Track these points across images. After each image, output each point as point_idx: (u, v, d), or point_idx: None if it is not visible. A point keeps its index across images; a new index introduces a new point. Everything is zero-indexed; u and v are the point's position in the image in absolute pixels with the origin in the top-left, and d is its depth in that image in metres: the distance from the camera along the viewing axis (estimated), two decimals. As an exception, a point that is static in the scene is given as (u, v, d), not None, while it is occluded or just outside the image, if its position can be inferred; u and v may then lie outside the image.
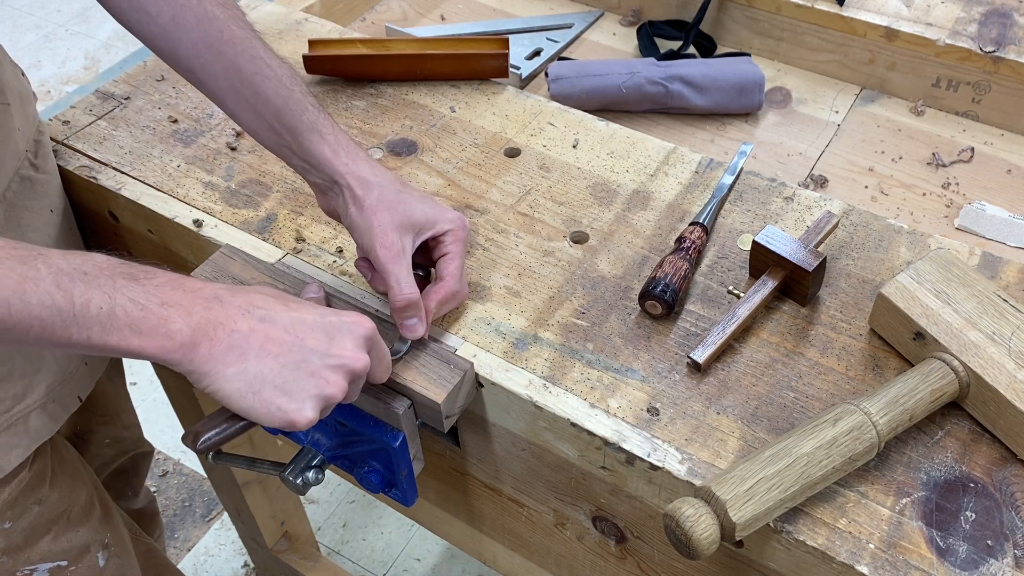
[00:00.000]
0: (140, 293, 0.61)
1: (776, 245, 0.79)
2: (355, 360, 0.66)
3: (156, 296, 0.62)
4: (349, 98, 1.04)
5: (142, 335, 0.61)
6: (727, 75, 1.10)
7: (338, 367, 0.65)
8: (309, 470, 0.84)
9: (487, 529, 0.98)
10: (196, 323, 0.62)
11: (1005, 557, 0.63)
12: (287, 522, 1.57)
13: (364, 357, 0.67)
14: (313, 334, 0.65)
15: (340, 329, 0.67)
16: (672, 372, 0.76)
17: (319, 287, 0.78)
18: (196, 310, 0.63)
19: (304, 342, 0.65)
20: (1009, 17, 1.12)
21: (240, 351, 0.63)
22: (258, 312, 0.65)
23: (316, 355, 0.65)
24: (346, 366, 0.66)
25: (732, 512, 0.61)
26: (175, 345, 0.61)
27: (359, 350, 0.67)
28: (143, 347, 0.61)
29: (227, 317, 0.64)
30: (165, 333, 0.61)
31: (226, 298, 0.65)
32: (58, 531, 0.96)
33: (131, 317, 0.60)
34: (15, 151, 0.87)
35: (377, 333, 0.69)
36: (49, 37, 3.15)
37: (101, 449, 1.20)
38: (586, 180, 0.93)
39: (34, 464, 0.92)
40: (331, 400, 0.65)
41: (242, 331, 0.63)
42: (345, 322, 0.67)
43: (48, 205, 0.92)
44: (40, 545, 0.94)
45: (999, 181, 1.04)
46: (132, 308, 0.61)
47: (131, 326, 0.60)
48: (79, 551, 0.98)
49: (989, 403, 0.69)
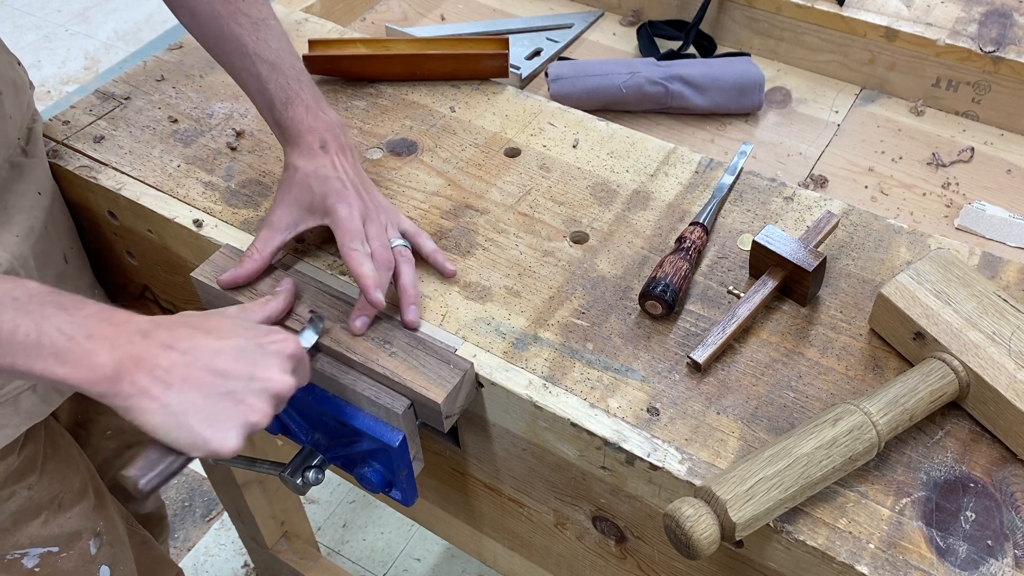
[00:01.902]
0: (68, 323, 0.63)
1: (776, 245, 0.79)
2: (279, 383, 0.67)
3: (83, 327, 0.63)
4: (349, 98, 1.04)
5: (66, 365, 0.62)
6: (727, 75, 1.10)
7: (262, 391, 0.67)
8: (309, 470, 0.84)
9: (487, 529, 0.98)
10: (120, 357, 0.63)
11: (1005, 557, 0.63)
12: (287, 522, 1.57)
13: (288, 380, 0.68)
14: (235, 362, 0.67)
15: (264, 353, 0.68)
16: (672, 372, 0.76)
17: (290, 282, 0.80)
18: (121, 344, 0.64)
19: (227, 371, 0.66)
20: (1009, 17, 1.12)
21: (164, 384, 0.64)
22: (180, 345, 0.66)
23: (240, 382, 0.66)
24: (269, 390, 0.67)
25: (732, 512, 0.61)
26: (98, 377, 0.63)
27: (283, 373, 0.68)
28: (67, 376, 0.62)
29: (149, 352, 0.65)
30: (89, 365, 0.62)
31: (150, 332, 0.66)
32: (48, 516, 0.96)
33: (56, 347, 0.62)
34: (6, 139, 0.88)
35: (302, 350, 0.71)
36: (49, 37, 3.15)
37: (103, 441, 1.20)
38: (586, 180, 0.93)
39: (24, 448, 0.92)
40: (256, 427, 0.66)
41: (164, 366, 0.64)
42: (268, 344, 0.69)
43: (36, 188, 0.92)
44: (29, 529, 0.95)
45: (999, 181, 1.04)
46: (58, 338, 0.62)
47: (56, 355, 0.62)
48: (70, 537, 0.99)
49: (989, 403, 0.69)
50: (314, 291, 0.82)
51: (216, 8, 0.83)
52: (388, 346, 0.77)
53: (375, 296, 0.75)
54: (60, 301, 0.64)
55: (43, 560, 0.97)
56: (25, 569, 0.96)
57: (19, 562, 0.96)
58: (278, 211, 0.82)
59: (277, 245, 0.82)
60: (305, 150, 0.81)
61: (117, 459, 1.25)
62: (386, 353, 0.76)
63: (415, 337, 0.78)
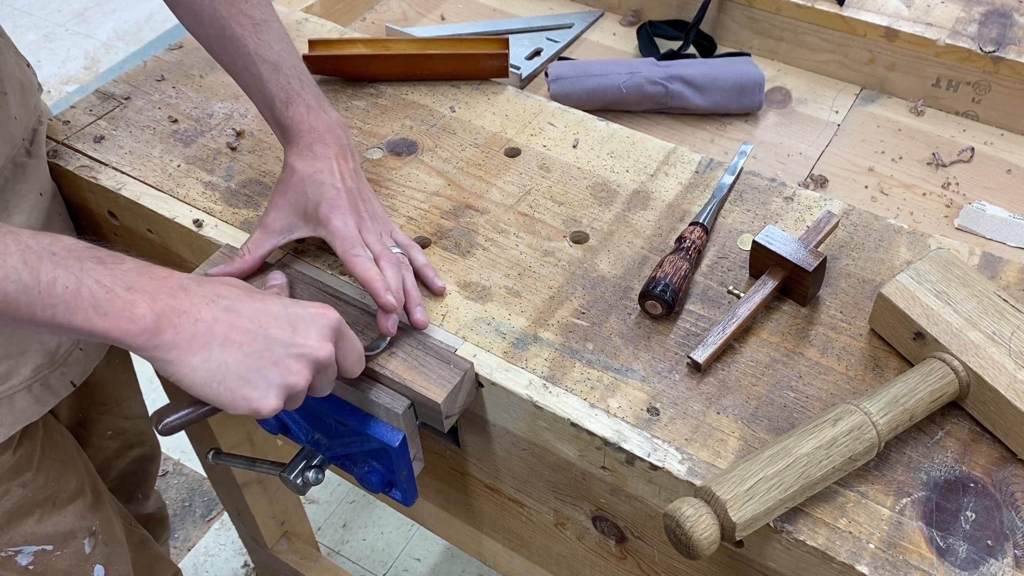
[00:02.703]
0: (107, 276, 0.62)
1: (776, 245, 0.79)
2: (318, 350, 0.67)
3: (122, 280, 0.63)
4: (349, 98, 1.04)
5: (106, 317, 0.61)
6: (727, 75, 1.10)
7: (301, 356, 0.66)
8: (309, 470, 0.84)
9: (487, 529, 0.98)
10: (160, 309, 0.63)
11: (1005, 557, 0.63)
12: (287, 522, 1.57)
13: (328, 347, 0.68)
14: (277, 323, 0.66)
15: (304, 319, 0.67)
16: (672, 372, 0.76)
17: (282, 275, 0.80)
18: (161, 297, 0.63)
19: (268, 331, 0.66)
20: (1009, 17, 1.12)
21: (204, 340, 0.64)
22: (222, 302, 0.66)
23: (280, 344, 0.66)
24: (309, 355, 0.66)
25: (732, 512, 0.61)
26: (139, 329, 0.62)
27: (323, 340, 0.67)
28: (107, 329, 0.62)
29: (192, 305, 0.64)
30: (129, 317, 0.62)
31: (191, 287, 0.66)
32: (42, 514, 0.96)
33: (96, 299, 0.61)
34: (10, 139, 0.88)
35: (343, 324, 0.70)
36: (49, 37, 3.15)
37: (104, 441, 1.20)
38: (586, 180, 0.93)
39: (20, 447, 0.92)
40: (294, 389, 0.66)
41: (206, 320, 0.64)
42: (309, 312, 0.68)
43: (37, 188, 0.93)
44: (23, 527, 0.95)
45: (999, 181, 1.04)
46: (98, 290, 0.61)
47: (96, 307, 0.61)
48: (64, 536, 0.99)
49: (989, 403, 0.69)
50: (314, 291, 0.82)
51: (218, 9, 0.83)
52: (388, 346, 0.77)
53: (387, 299, 0.74)
54: (98, 255, 0.64)
55: (37, 558, 0.97)
56: (19, 567, 0.96)
57: (13, 559, 0.96)
58: (273, 213, 0.81)
59: (269, 248, 0.81)
60: (304, 151, 0.81)
61: (118, 459, 1.25)
62: (386, 353, 0.76)
63: (415, 337, 0.78)
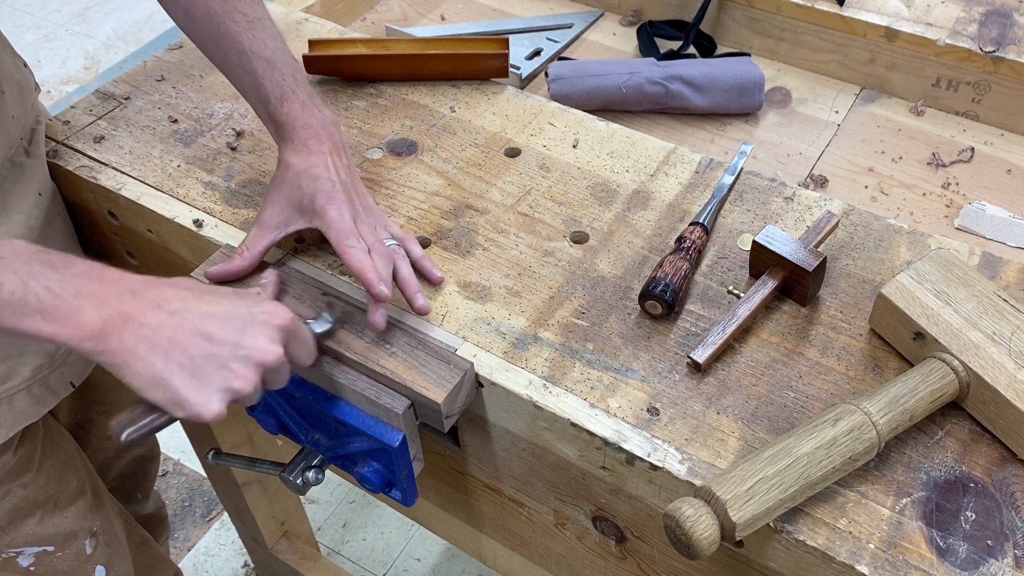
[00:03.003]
0: (55, 281, 0.63)
1: (776, 245, 0.79)
2: (264, 353, 0.67)
3: (71, 285, 0.63)
4: (349, 98, 1.04)
5: (53, 322, 0.62)
6: (727, 75, 1.10)
7: (246, 359, 0.66)
8: (309, 470, 0.84)
9: (487, 529, 0.98)
10: (107, 315, 0.63)
11: (1005, 557, 0.63)
12: (287, 522, 1.57)
13: (275, 349, 0.68)
14: (223, 327, 0.66)
15: (253, 322, 0.68)
16: (672, 372, 0.76)
17: (273, 273, 0.80)
18: (109, 302, 0.64)
19: (213, 335, 0.66)
20: (1009, 17, 1.12)
21: (150, 344, 0.64)
22: (169, 306, 0.66)
23: (226, 348, 0.66)
24: (254, 358, 0.66)
25: (732, 512, 0.61)
26: (84, 335, 0.63)
27: (271, 343, 0.67)
28: (54, 334, 0.62)
29: (138, 310, 0.65)
30: (76, 323, 0.62)
31: (140, 291, 0.66)
32: (43, 515, 0.96)
33: (43, 304, 0.62)
34: (8, 138, 0.88)
35: (295, 322, 0.70)
36: (49, 37, 3.15)
37: (103, 442, 1.20)
38: (586, 180, 0.93)
39: (21, 447, 0.92)
40: (239, 393, 0.66)
41: (151, 324, 0.64)
42: (258, 314, 0.68)
43: (36, 188, 0.93)
44: (24, 528, 0.95)
45: (999, 181, 1.04)
46: (45, 295, 0.62)
47: (42, 313, 0.62)
48: (65, 537, 0.99)
49: (989, 403, 0.69)
50: (314, 292, 0.82)
51: (212, 7, 0.83)
52: (388, 346, 0.77)
53: (380, 289, 0.74)
54: (49, 259, 0.64)
55: (38, 559, 0.97)
56: (20, 568, 0.96)
57: (14, 561, 0.96)
58: (269, 209, 0.81)
59: (267, 244, 0.81)
60: (299, 147, 0.81)
61: (117, 460, 1.25)
62: (386, 353, 0.76)
63: (415, 337, 0.78)
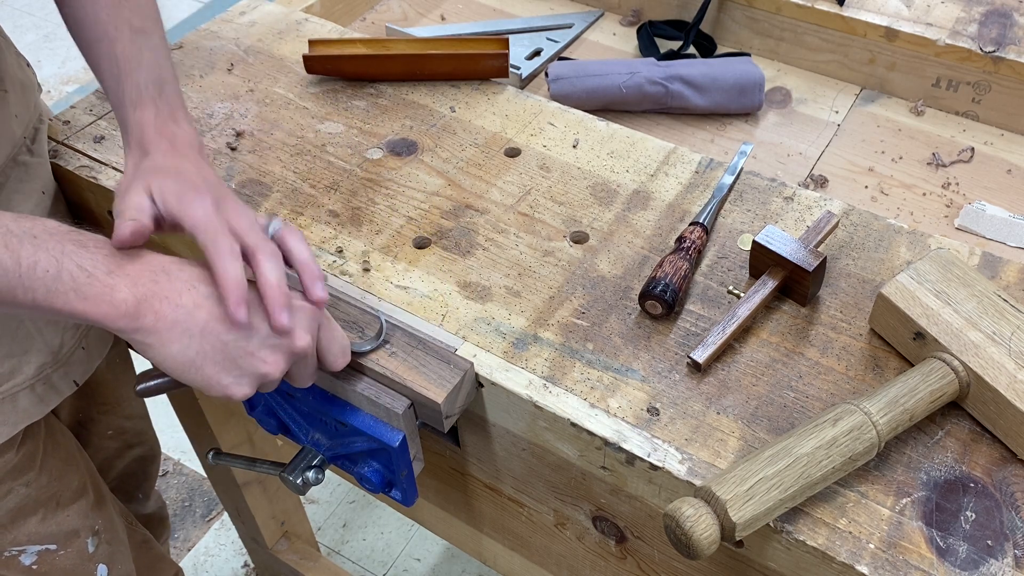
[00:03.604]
0: (88, 260, 0.63)
1: (776, 245, 0.79)
2: (296, 340, 0.67)
3: (104, 264, 0.63)
4: (349, 98, 1.04)
5: (87, 301, 0.62)
6: (727, 75, 1.10)
7: (277, 346, 0.66)
8: (309, 470, 0.84)
9: (487, 529, 0.98)
10: (142, 294, 0.63)
11: (1005, 557, 0.63)
12: (287, 522, 1.57)
13: (306, 337, 0.67)
14: (257, 313, 0.66)
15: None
16: (672, 372, 0.76)
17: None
18: (143, 281, 0.64)
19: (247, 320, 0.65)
20: (1009, 17, 1.12)
21: (184, 326, 0.64)
22: (203, 288, 0.65)
23: (259, 333, 0.66)
24: (286, 344, 0.67)
25: (732, 512, 0.61)
26: (119, 313, 0.62)
27: (303, 330, 0.67)
28: (87, 312, 0.62)
29: (173, 291, 0.64)
30: (110, 301, 0.62)
31: (174, 271, 0.65)
32: (46, 514, 0.96)
33: (77, 282, 0.62)
34: (11, 137, 0.88)
35: (324, 316, 0.70)
36: (49, 37, 3.15)
37: (104, 441, 1.20)
38: (586, 180, 0.93)
39: (23, 446, 0.92)
40: (267, 378, 0.67)
41: (186, 306, 0.64)
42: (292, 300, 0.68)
43: (40, 187, 0.93)
44: (27, 526, 0.95)
45: (999, 181, 1.04)
46: (79, 274, 0.62)
47: (76, 291, 0.62)
48: (68, 535, 0.99)
49: (989, 403, 0.69)
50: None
51: (99, 14, 0.81)
52: (388, 346, 0.77)
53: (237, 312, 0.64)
54: (80, 239, 0.64)
55: (40, 557, 0.97)
56: (22, 566, 0.97)
57: (16, 559, 0.96)
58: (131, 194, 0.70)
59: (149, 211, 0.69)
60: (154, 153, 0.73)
61: (118, 459, 1.25)
62: (386, 353, 0.76)
63: (415, 337, 0.78)
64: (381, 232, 0.88)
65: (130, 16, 0.81)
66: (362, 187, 0.93)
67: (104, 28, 0.81)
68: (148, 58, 0.80)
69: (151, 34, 0.82)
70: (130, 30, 0.81)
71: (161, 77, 0.80)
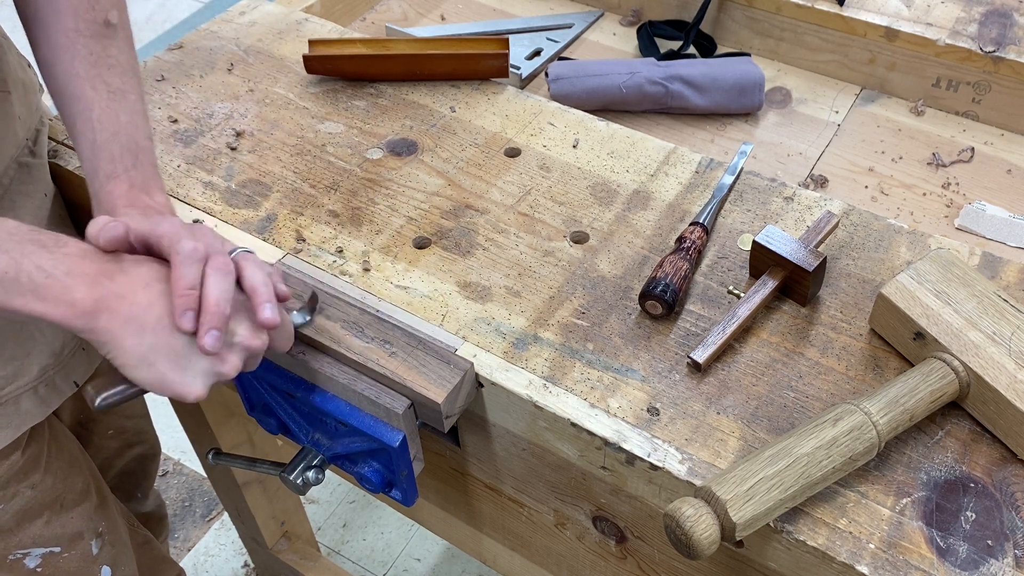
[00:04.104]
0: (47, 260, 0.63)
1: (776, 245, 0.79)
2: (253, 339, 0.68)
3: (63, 264, 0.64)
4: (349, 98, 1.04)
5: (45, 301, 0.63)
6: (727, 75, 1.10)
7: (234, 345, 0.67)
8: (309, 470, 0.84)
9: (487, 529, 0.98)
10: (99, 294, 0.64)
11: (1005, 557, 0.63)
12: (287, 522, 1.57)
13: (263, 336, 0.68)
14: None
15: (241, 307, 0.68)
16: (672, 372, 0.76)
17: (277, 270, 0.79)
18: (100, 280, 0.64)
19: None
20: (1009, 17, 1.12)
21: (139, 323, 0.64)
22: (159, 286, 0.66)
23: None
24: (242, 344, 0.67)
25: (732, 512, 0.61)
26: (77, 313, 0.63)
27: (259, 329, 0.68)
28: (45, 312, 0.63)
29: (130, 288, 0.65)
30: (67, 301, 0.63)
31: (131, 269, 0.66)
32: (51, 516, 0.96)
33: (35, 283, 0.63)
34: (14, 138, 0.88)
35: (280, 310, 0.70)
36: (49, 37, 3.14)
37: (104, 440, 1.20)
38: (586, 180, 0.93)
39: (28, 448, 0.92)
40: (223, 377, 0.67)
41: (141, 304, 0.65)
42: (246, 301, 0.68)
43: (42, 189, 0.93)
44: (32, 529, 0.95)
45: (999, 181, 1.04)
46: (37, 275, 0.63)
47: (34, 292, 0.63)
48: (72, 537, 0.99)
49: (989, 403, 0.69)
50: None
51: (77, 69, 0.79)
52: (388, 346, 0.77)
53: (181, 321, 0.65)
54: (40, 239, 0.65)
55: (45, 560, 0.97)
56: (27, 569, 0.97)
57: (21, 562, 0.96)
58: None
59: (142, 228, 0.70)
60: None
61: (118, 459, 1.25)
62: (386, 353, 0.76)
63: (415, 337, 0.78)
64: (381, 232, 0.88)
65: (108, 76, 0.79)
66: (362, 187, 0.93)
67: (81, 87, 0.78)
68: (125, 123, 0.78)
69: (128, 93, 0.80)
70: (108, 91, 0.79)
71: (137, 145, 0.78)
